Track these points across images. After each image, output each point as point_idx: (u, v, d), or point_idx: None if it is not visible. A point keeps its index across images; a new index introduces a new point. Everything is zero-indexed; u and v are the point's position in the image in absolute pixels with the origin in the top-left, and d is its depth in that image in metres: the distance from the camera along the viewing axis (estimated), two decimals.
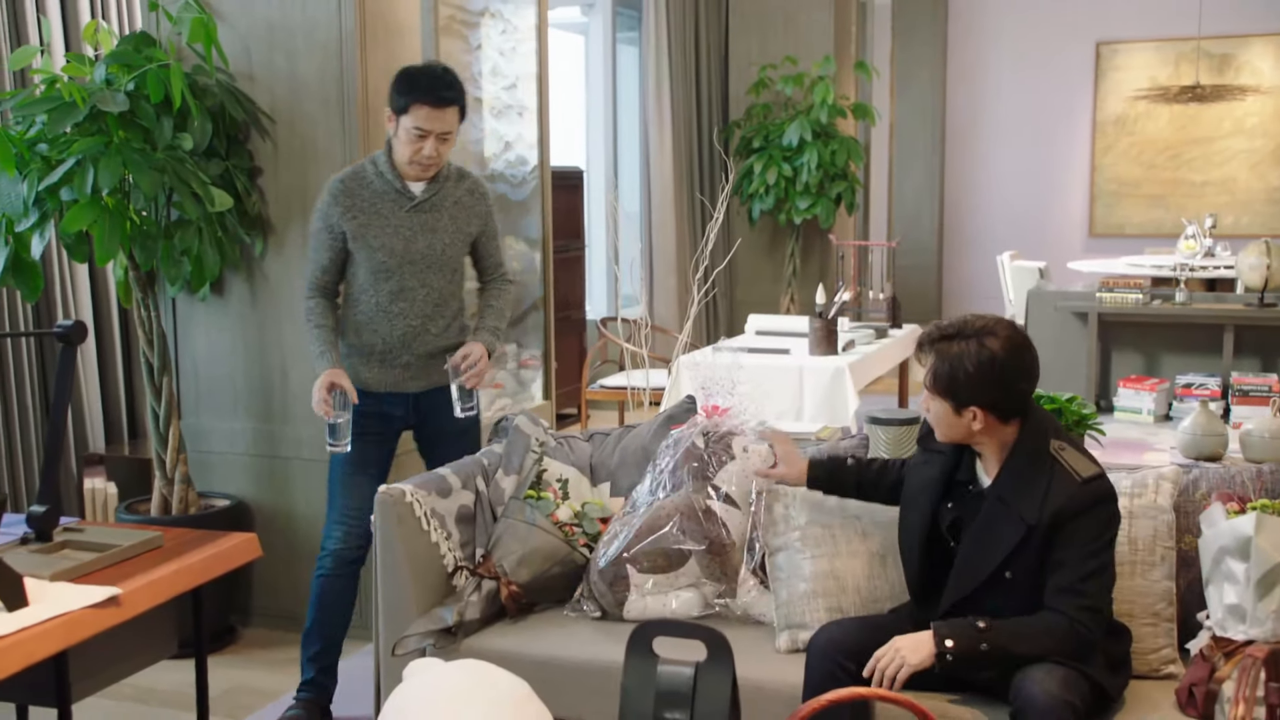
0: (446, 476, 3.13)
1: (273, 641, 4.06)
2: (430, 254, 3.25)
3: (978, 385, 2.36)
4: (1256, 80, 11.13)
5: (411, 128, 3.12)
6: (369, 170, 3.23)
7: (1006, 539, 2.39)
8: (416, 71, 3.18)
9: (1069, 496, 2.35)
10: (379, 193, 3.22)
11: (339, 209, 3.21)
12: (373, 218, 3.20)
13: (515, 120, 4.23)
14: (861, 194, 8.57)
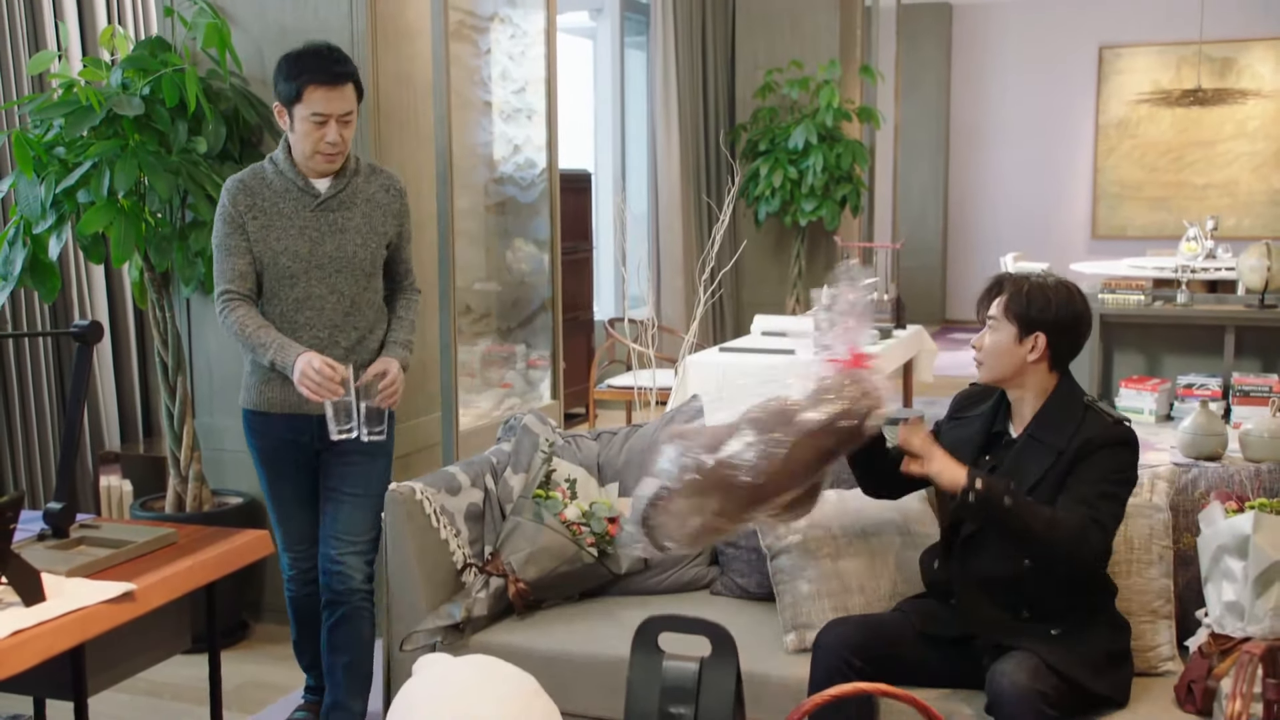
0: (456, 474, 3.19)
1: (284, 637, 4.10)
2: (340, 257, 2.96)
3: (1051, 312, 2.53)
4: (1257, 84, 11.17)
5: (308, 115, 2.84)
6: (268, 169, 2.97)
7: (1036, 466, 2.50)
8: (300, 52, 2.88)
9: (1099, 430, 2.49)
10: (279, 192, 2.94)
11: (240, 208, 2.94)
12: (274, 218, 2.93)
13: (524, 123, 4.29)
14: (866, 196, 8.61)
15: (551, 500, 3.13)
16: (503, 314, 4.29)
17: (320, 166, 2.93)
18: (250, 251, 2.94)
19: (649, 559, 3.09)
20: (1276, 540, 2.41)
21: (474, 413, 4.11)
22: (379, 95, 3.89)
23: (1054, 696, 2.33)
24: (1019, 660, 2.38)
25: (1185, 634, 2.69)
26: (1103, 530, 2.43)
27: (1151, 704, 2.51)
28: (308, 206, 2.95)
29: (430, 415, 4.19)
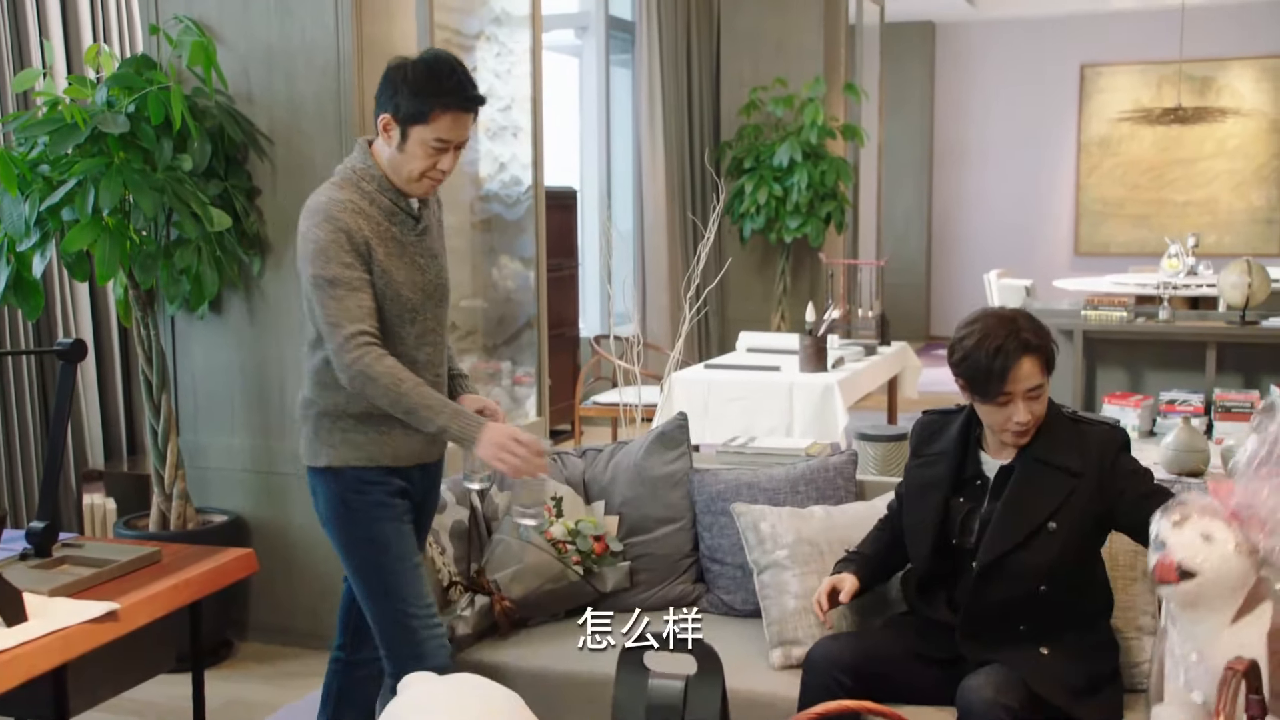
0: (442, 493, 3.18)
1: (269, 655, 4.10)
2: (440, 284, 2.59)
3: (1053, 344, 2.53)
4: (1236, 102, 11.27)
5: (430, 139, 2.42)
6: (365, 187, 2.47)
7: (1054, 490, 2.47)
8: (432, 68, 2.43)
9: (1104, 439, 2.50)
10: (388, 214, 2.48)
11: (365, 234, 2.43)
12: (392, 245, 2.47)
13: (510, 141, 4.30)
14: (851, 213, 8.65)
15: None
16: (488, 331, 4.30)
17: (422, 189, 2.51)
18: (372, 285, 2.45)
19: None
20: None
21: None
22: (365, 115, 3.90)
23: (1021, 712, 2.34)
24: (988, 674, 2.40)
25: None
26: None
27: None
28: (412, 230, 2.52)
29: None
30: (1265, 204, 11.34)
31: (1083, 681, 2.49)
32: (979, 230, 12.19)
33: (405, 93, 2.42)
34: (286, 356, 4.03)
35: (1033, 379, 2.44)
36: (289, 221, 3.98)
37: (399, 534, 2.55)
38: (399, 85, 2.43)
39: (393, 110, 2.44)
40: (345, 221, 2.41)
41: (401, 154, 2.45)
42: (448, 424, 2.42)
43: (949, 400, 2.90)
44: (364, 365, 2.39)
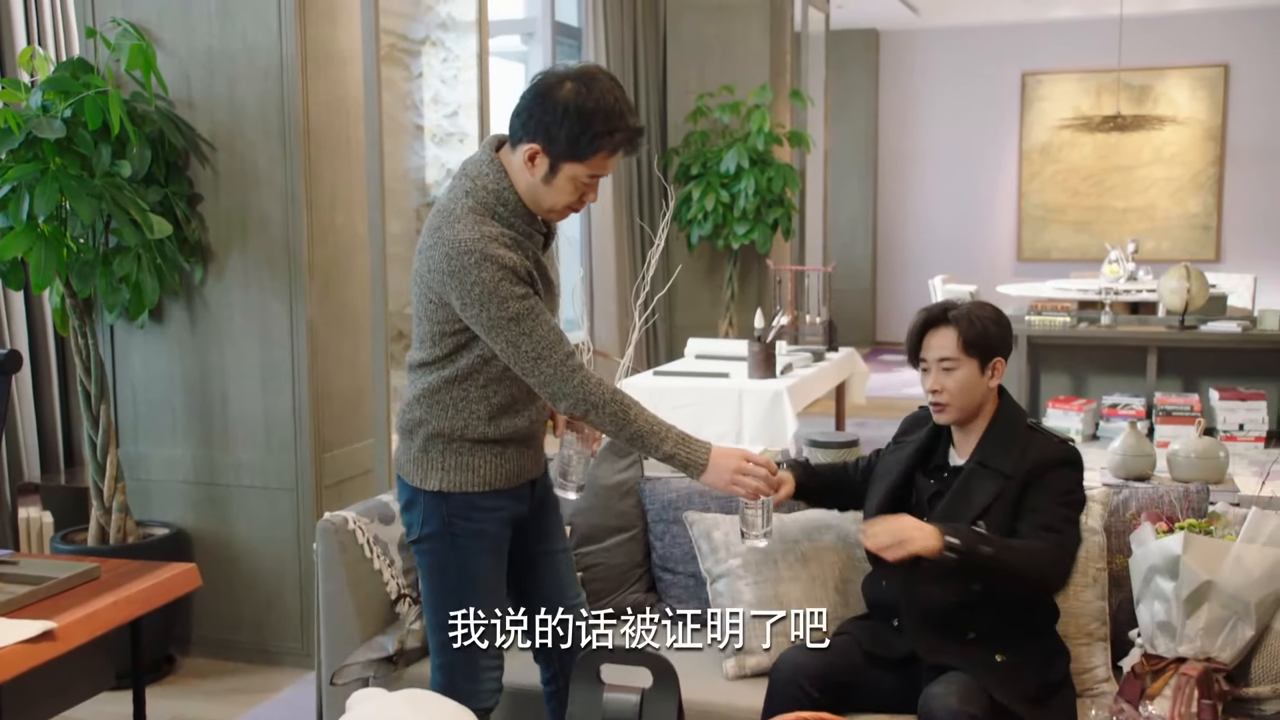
0: (389, 503, 3.13)
1: (212, 671, 4.02)
2: (556, 300, 2.42)
3: (1000, 337, 2.59)
4: (1173, 110, 11.46)
5: (584, 176, 2.24)
6: (501, 213, 2.25)
7: (985, 492, 2.52)
8: (605, 103, 2.19)
9: (1046, 451, 2.54)
10: (527, 236, 2.29)
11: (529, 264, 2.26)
12: (540, 268, 2.32)
13: (457, 147, 4.26)
14: (798, 220, 8.68)
15: None
16: None
17: (558, 218, 2.35)
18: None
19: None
20: (1205, 560, 2.44)
21: None
22: (309, 120, 3.84)
23: (983, 718, 2.35)
24: (951, 682, 2.40)
25: (1119, 654, 2.72)
26: (1070, 555, 2.50)
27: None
28: (543, 251, 2.36)
29: (363, 442, 4.13)
30: (1202, 210, 11.53)
31: (1038, 690, 2.50)
32: (923, 236, 12.30)
33: (567, 127, 2.18)
34: (229, 366, 3.96)
35: (943, 350, 2.56)
36: (231, 228, 3.92)
37: (491, 569, 2.42)
38: (559, 118, 2.18)
39: (545, 142, 2.20)
40: (507, 257, 2.20)
41: (547, 186, 2.24)
42: (675, 450, 2.28)
43: (896, 406, 2.95)
44: (586, 392, 2.24)
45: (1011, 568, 2.43)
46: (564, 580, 2.54)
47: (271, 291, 3.89)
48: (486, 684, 2.46)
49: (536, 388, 2.26)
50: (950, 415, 2.62)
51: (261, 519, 3.99)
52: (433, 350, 2.34)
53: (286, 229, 3.86)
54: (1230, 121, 11.37)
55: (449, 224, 2.24)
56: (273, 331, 3.90)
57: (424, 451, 2.39)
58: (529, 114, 2.21)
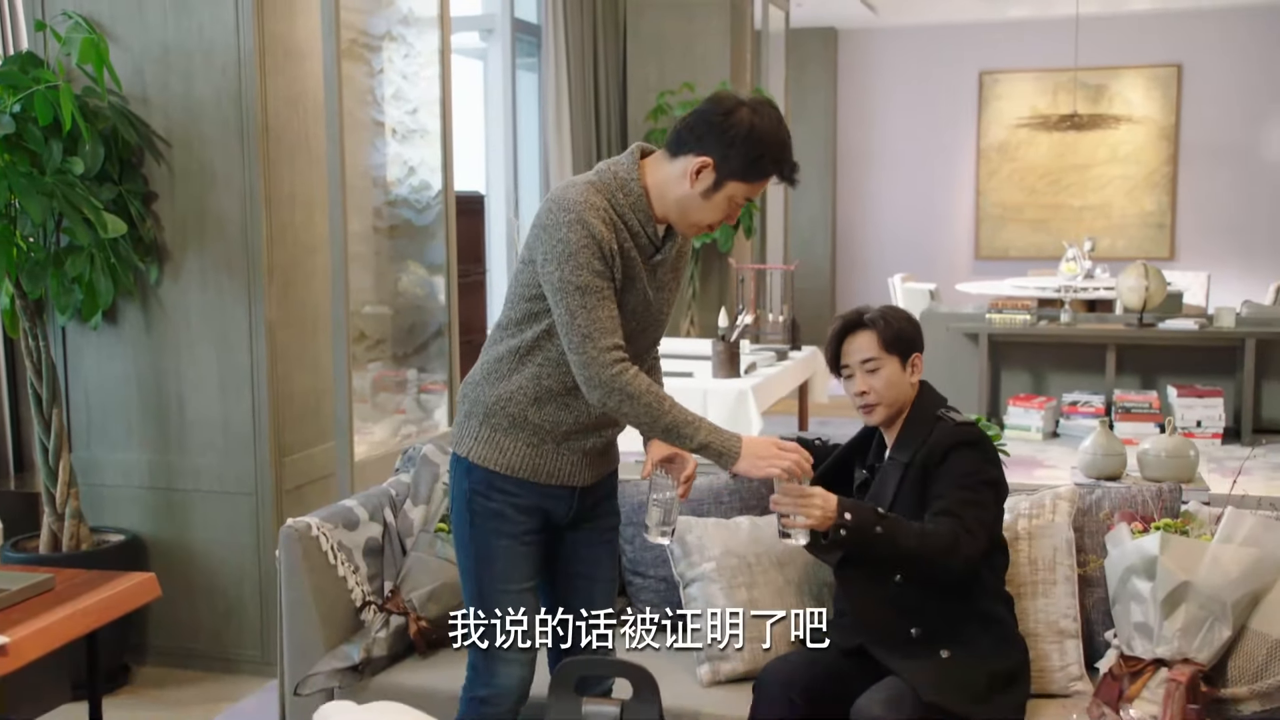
0: (353, 508, 3.07)
1: (169, 680, 3.93)
2: (656, 319, 2.38)
3: (915, 334, 2.66)
4: (1129, 110, 11.55)
5: (742, 197, 2.27)
6: (620, 200, 2.26)
7: (891, 480, 2.57)
8: (782, 136, 2.24)
9: (942, 437, 2.55)
10: (635, 232, 2.27)
11: (616, 244, 2.24)
12: (631, 265, 2.27)
13: (419, 144, 4.19)
14: (759, 218, 8.67)
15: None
16: (398, 339, 4.18)
17: (697, 233, 2.35)
18: (613, 297, 2.26)
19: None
20: (1183, 561, 2.43)
21: (369, 441, 3.98)
22: (268, 117, 3.76)
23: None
24: (879, 691, 2.40)
25: (1093, 655, 2.71)
26: (972, 537, 2.44)
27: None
28: (649, 258, 2.31)
29: (324, 445, 4.05)
30: (1156, 209, 11.64)
31: (983, 683, 2.47)
32: (882, 235, 12.33)
33: (743, 148, 2.20)
34: (185, 369, 3.87)
35: (865, 352, 2.62)
36: (187, 227, 3.82)
37: (509, 553, 2.37)
38: (738, 138, 2.20)
39: (719, 158, 2.21)
40: (598, 229, 2.20)
41: (704, 201, 2.25)
42: (709, 439, 2.26)
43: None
44: (623, 383, 2.21)
45: (902, 548, 2.41)
46: (598, 605, 2.44)
47: (229, 292, 3.80)
48: (501, 677, 2.41)
49: (576, 369, 2.23)
50: (880, 415, 2.64)
51: (220, 524, 3.90)
52: (509, 314, 2.35)
53: (245, 228, 3.77)
54: (1183, 121, 11.49)
55: (564, 188, 2.27)
56: (231, 333, 3.81)
57: (467, 418, 2.40)
58: (707, 129, 2.22)
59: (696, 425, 2.27)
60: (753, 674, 2.72)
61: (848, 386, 2.66)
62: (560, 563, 2.47)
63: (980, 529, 2.47)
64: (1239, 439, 7.28)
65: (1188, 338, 7.50)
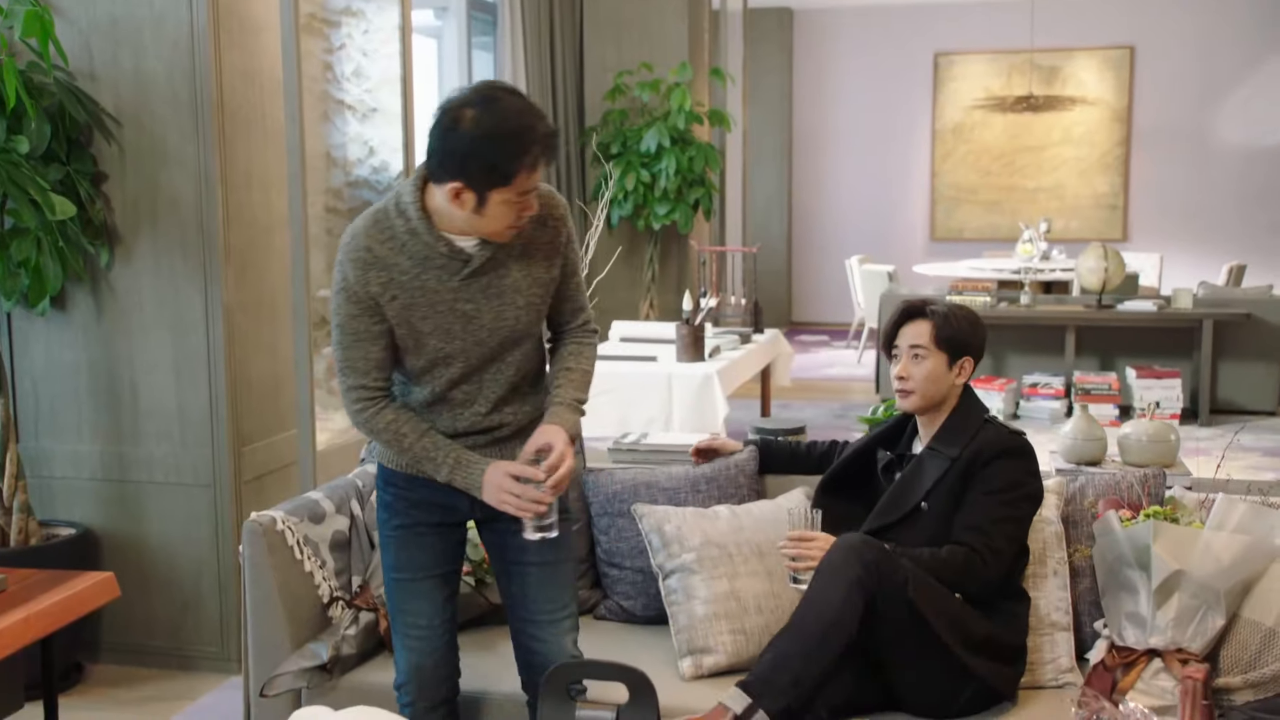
0: (319, 501, 2.96)
1: (124, 679, 3.80)
2: (500, 326, 2.28)
3: (972, 339, 2.68)
4: (1082, 91, 11.60)
5: (513, 197, 2.14)
6: (398, 227, 2.20)
7: (930, 474, 2.57)
8: (509, 120, 2.09)
9: (991, 440, 2.58)
10: (419, 259, 2.21)
11: (374, 288, 2.21)
12: (417, 295, 2.22)
13: (380, 123, 4.06)
14: (718, 199, 8.59)
15: None
16: None
17: (510, 237, 2.23)
18: (387, 335, 2.26)
19: None
20: (1176, 550, 2.39)
21: (331, 429, 3.86)
22: (223, 93, 3.62)
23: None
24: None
25: (1081, 645, 2.67)
26: (996, 554, 2.48)
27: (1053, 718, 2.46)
28: (456, 274, 2.23)
29: (284, 434, 3.93)
30: (1109, 190, 11.71)
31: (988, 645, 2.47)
32: (838, 216, 12.31)
33: (480, 159, 2.09)
34: (139, 355, 3.72)
35: (916, 339, 2.65)
36: (139, 209, 3.68)
37: (402, 543, 2.41)
38: (470, 151, 2.09)
39: (464, 179, 2.11)
40: (350, 273, 2.22)
41: (482, 217, 2.16)
42: (451, 475, 2.30)
43: (819, 388, 3.02)
44: (363, 420, 2.31)
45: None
46: (530, 595, 2.41)
47: (184, 275, 3.67)
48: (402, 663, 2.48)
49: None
50: (913, 402, 2.68)
51: (176, 517, 3.77)
52: None
53: (199, 209, 3.63)
54: (1136, 103, 11.56)
55: (352, 222, 2.30)
56: (186, 318, 3.68)
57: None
58: (441, 153, 2.13)
59: (439, 462, 2.29)
60: (738, 667, 2.67)
61: (892, 367, 2.71)
62: (510, 554, 2.42)
63: (1008, 547, 2.52)
64: (1196, 420, 7.33)
65: (1146, 319, 7.53)
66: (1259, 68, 11.20)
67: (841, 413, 7.82)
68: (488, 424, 2.36)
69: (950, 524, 2.54)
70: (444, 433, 2.34)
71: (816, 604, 2.36)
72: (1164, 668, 2.36)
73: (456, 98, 2.13)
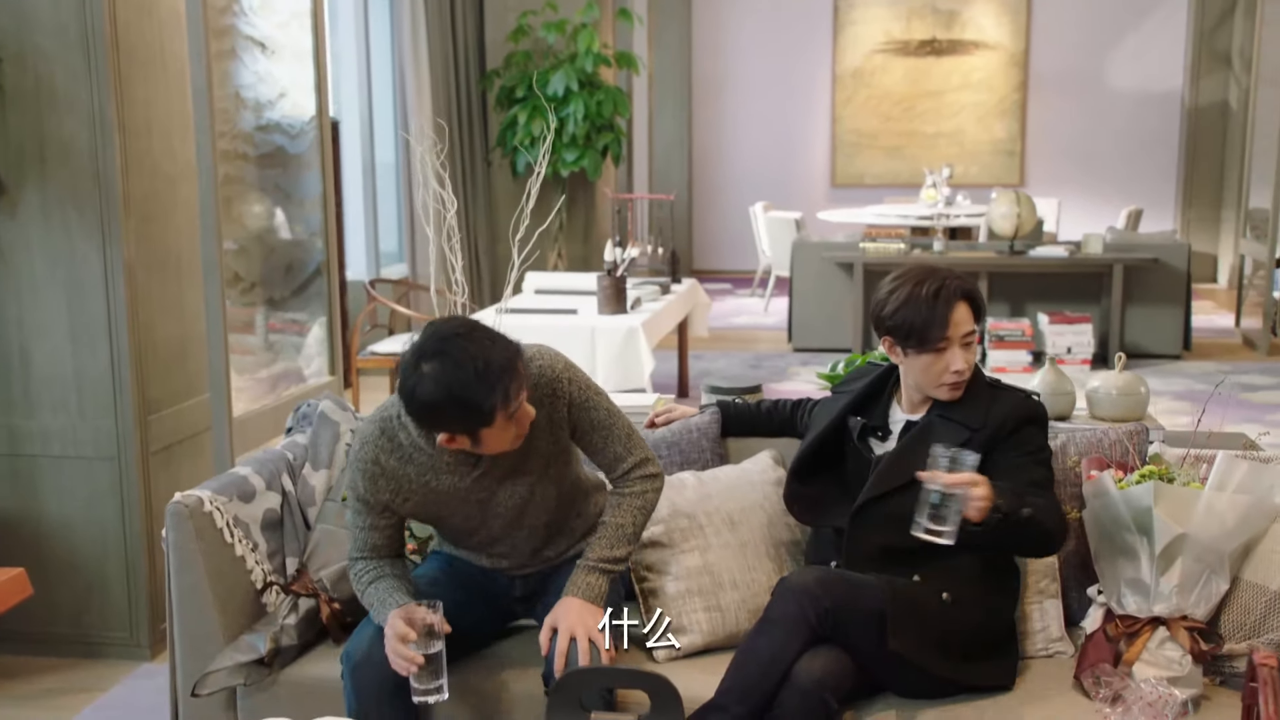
0: (248, 477, 2.70)
1: (21, 670, 3.48)
2: (519, 504, 2.33)
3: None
4: (980, 36, 11.61)
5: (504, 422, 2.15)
6: (401, 438, 2.26)
7: (949, 439, 2.32)
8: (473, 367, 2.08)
9: (1016, 405, 2.40)
10: (426, 468, 2.27)
11: (384, 496, 2.29)
12: (429, 496, 2.29)
13: (291, 63, 3.73)
14: (625, 144, 8.35)
15: None
16: (276, 282, 3.75)
17: (514, 445, 2.23)
18: (396, 525, 2.37)
19: None
20: (1177, 512, 2.28)
21: (246, 396, 3.57)
22: (118, 27, 3.27)
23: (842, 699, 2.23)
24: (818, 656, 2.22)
25: (1066, 612, 2.56)
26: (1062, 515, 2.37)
27: (1050, 691, 2.34)
28: (466, 476, 2.28)
29: (193, 399, 3.63)
30: (1007, 136, 11.77)
31: (978, 647, 2.33)
32: (739, 163, 12.15)
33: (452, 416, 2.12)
34: (29, 318, 3.38)
35: (967, 324, 2.39)
36: (24, 154, 3.33)
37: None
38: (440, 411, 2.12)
39: (449, 431, 2.16)
40: (361, 484, 2.30)
41: (482, 444, 2.18)
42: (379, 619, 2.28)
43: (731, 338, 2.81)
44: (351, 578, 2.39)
45: (1044, 527, 2.28)
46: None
47: (79, 230, 3.33)
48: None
49: None
50: (959, 393, 2.42)
51: (76, 494, 3.46)
52: None
53: (95, 157, 3.29)
54: (1033, 48, 11.60)
55: (362, 423, 2.40)
56: (83, 277, 3.34)
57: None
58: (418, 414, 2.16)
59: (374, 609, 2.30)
60: (714, 646, 2.50)
61: (940, 362, 2.37)
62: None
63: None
64: (1106, 365, 7.38)
65: (1057, 265, 7.55)
66: (1151, 14, 11.33)
67: (755, 363, 7.70)
68: (533, 564, 2.46)
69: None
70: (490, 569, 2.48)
71: (759, 655, 2.19)
72: (1169, 636, 2.26)
73: (409, 352, 2.14)
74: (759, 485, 2.72)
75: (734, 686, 2.17)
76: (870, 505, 2.39)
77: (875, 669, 2.29)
